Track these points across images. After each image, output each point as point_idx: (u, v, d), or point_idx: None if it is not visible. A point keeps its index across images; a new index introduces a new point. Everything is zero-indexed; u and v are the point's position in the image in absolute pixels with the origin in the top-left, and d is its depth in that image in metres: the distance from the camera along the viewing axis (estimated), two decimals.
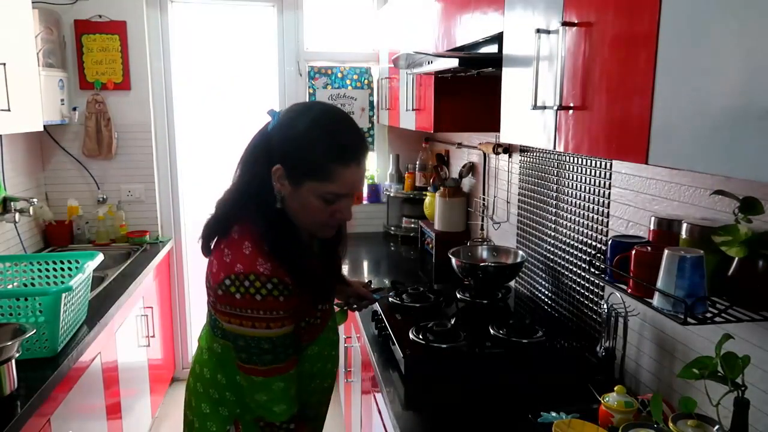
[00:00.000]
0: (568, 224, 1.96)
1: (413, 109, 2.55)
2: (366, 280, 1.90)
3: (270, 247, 1.18)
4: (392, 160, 3.60)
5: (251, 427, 1.31)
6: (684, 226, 1.23)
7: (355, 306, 1.73)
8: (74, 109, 3.17)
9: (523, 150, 2.31)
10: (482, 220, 2.77)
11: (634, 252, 1.26)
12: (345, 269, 2.60)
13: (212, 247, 1.26)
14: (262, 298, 1.14)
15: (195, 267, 3.70)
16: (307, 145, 1.18)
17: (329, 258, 1.44)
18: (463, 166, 2.93)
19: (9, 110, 2.09)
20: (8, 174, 2.78)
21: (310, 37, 3.56)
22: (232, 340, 1.23)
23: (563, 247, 2.00)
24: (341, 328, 1.89)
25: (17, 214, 2.64)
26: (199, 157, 3.64)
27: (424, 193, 3.27)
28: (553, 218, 2.06)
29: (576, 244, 1.91)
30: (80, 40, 3.16)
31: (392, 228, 3.57)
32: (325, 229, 1.29)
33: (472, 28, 1.81)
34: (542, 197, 2.15)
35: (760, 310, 1.07)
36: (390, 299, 2.12)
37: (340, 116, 1.24)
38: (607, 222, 1.72)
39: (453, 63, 1.71)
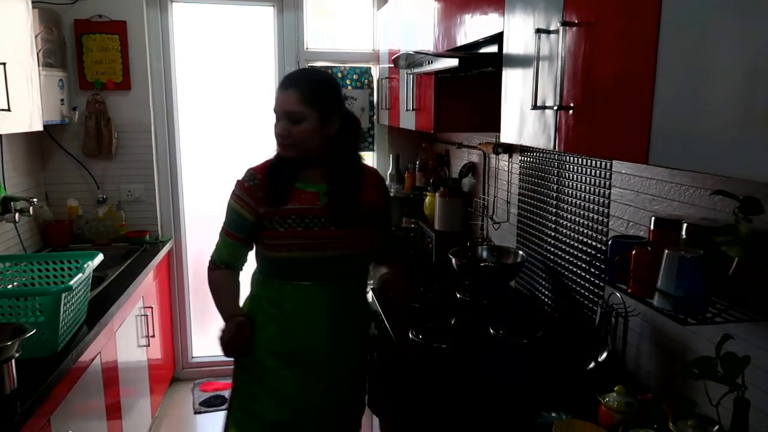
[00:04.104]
0: (568, 224, 1.96)
1: (413, 109, 2.55)
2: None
3: None
4: (392, 160, 3.59)
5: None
6: (684, 226, 1.22)
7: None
8: (74, 109, 3.16)
9: (523, 150, 2.31)
10: (482, 220, 2.77)
11: (634, 252, 1.26)
12: None
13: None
14: None
15: (195, 267, 3.70)
16: None
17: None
18: (463, 166, 2.93)
19: (9, 110, 2.09)
20: (8, 174, 2.78)
21: (310, 37, 3.56)
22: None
23: (563, 247, 2.00)
24: None
25: (17, 214, 2.64)
26: (199, 156, 3.64)
27: (424, 193, 3.26)
28: (553, 218, 2.06)
29: (576, 244, 1.91)
30: (80, 40, 3.16)
31: (392, 228, 3.56)
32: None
33: (473, 28, 1.81)
34: (542, 197, 2.15)
35: (760, 310, 1.07)
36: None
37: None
38: (607, 222, 1.72)
39: (453, 63, 1.71)
